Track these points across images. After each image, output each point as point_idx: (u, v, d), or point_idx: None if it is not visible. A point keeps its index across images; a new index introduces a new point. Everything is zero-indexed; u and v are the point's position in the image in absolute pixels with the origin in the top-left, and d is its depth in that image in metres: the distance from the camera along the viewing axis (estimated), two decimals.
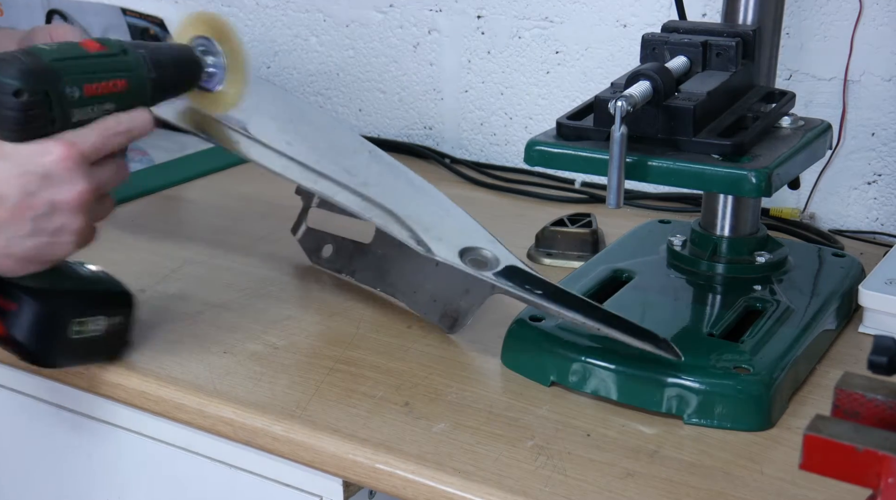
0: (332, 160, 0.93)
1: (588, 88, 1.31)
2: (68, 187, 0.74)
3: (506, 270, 0.85)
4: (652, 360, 0.80)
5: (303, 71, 1.55)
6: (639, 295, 0.91)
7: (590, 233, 1.09)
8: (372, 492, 0.82)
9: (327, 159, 0.92)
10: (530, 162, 0.84)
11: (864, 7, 1.12)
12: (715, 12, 1.19)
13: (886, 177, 1.16)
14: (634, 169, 0.79)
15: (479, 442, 0.76)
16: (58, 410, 0.93)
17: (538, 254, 1.09)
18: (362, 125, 1.52)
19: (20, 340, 0.78)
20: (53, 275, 0.79)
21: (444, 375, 0.85)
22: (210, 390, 0.82)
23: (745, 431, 0.77)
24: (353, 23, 1.48)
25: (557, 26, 1.32)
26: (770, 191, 0.78)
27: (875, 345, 0.52)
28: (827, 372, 0.85)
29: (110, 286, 0.85)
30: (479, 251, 0.87)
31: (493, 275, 0.85)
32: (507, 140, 1.40)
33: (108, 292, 0.85)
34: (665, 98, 0.79)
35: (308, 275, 1.05)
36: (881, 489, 0.50)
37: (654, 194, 1.26)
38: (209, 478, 0.86)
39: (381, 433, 0.77)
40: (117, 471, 0.92)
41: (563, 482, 0.71)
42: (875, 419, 0.54)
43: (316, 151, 0.93)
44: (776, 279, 0.93)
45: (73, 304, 0.81)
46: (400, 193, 0.94)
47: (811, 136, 0.87)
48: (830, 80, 1.16)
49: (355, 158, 0.97)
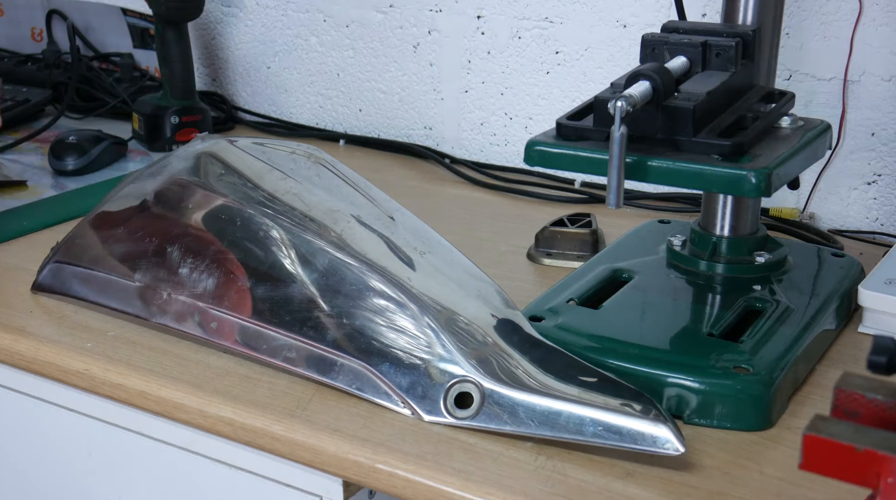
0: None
1: (588, 88, 1.31)
2: None
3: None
4: (652, 360, 0.80)
5: (303, 71, 1.55)
6: (638, 295, 0.91)
7: (590, 233, 1.09)
8: (372, 492, 0.82)
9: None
10: (530, 162, 0.84)
11: (864, 7, 1.12)
12: (715, 12, 1.19)
13: (886, 177, 1.16)
14: (634, 169, 0.79)
15: (478, 442, 0.76)
16: (58, 410, 0.93)
17: (538, 254, 1.09)
18: (362, 125, 1.52)
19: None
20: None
21: None
22: (210, 390, 0.82)
23: (745, 431, 0.77)
24: (353, 23, 1.48)
25: (557, 26, 1.32)
26: (770, 191, 0.78)
27: (874, 345, 0.52)
28: (827, 372, 0.85)
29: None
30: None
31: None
32: (507, 140, 1.40)
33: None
34: (665, 98, 0.79)
35: None
36: (881, 488, 0.50)
37: (653, 194, 1.26)
38: (209, 478, 0.86)
39: (381, 433, 0.77)
40: (117, 471, 0.92)
41: (563, 482, 0.71)
42: (875, 418, 0.54)
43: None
44: (776, 279, 0.93)
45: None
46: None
47: (811, 136, 0.87)
48: (830, 81, 1.16)
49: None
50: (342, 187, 0.94)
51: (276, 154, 0.97)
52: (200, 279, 0.88)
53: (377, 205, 0.93)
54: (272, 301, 0.84)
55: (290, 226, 0.86)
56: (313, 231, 0.86)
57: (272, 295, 0.85)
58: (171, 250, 0.90)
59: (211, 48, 1.64)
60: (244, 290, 0.85)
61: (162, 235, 0.91)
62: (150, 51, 1.62)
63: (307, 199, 0.90)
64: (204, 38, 1.63)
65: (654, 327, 0.87)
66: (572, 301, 0.89)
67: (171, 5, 1.41)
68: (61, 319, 0.94)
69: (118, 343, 0.90)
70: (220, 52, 1.63)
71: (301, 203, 0.89)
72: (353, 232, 0.87)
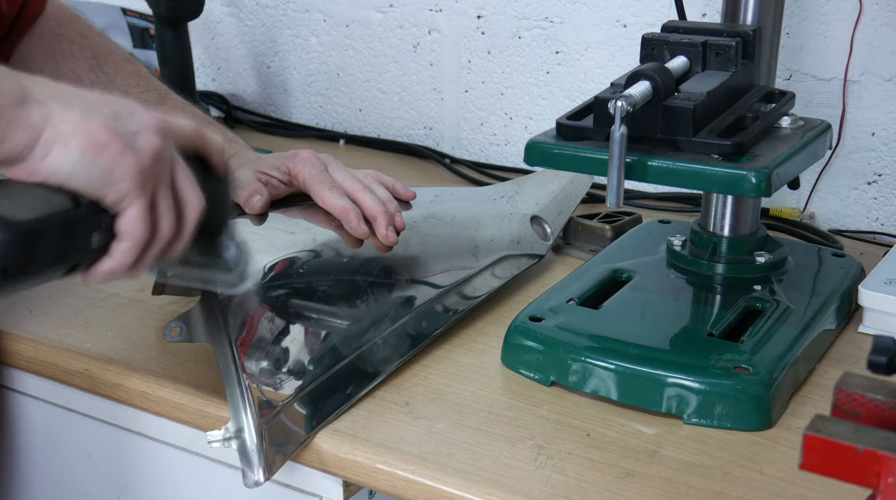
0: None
1: (588, 88, 1.31)
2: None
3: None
4: (652, 360, 0.80)
5: (303, 71, 1.55)
6: (639, 295, 0.91)
7: (610, 229, 1.09)
8: (372, 492, 0.82)
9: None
10: (530, 162, 0.84)
11: (864, 7, 1.12)
12: (715, 12, 1.19)
13: (886, 177, 1.16)
14: (634, 169, 0.79)
15: (478, 442, 0.76)
16: (58, 410, 0.93)
17: (561, 242, 1.10)
18: (362, 125, 1.52)
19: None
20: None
21: (444, 375, 0.85)
22: (210, 390, 0.82)
23: (745, 431, 0.77)
24: (353, 23, 1.48)
25: (557, 26, 1.32)
26: (770, 191, 0.78)
27: (875, 345, 0.52)
28: (827, 372, 0.85)
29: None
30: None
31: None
32: (507, 140, 1.40)
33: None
34: (665, 98, 0.79)
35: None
36: (881, 489, 0.50)
37: (654, 194, 1.26)
38: (209, 478, 0.86)
39: (381, 433, 0.77)
40: (117, 471, 0.92)
41: (563, 482, 0.71)
42: (875, 418, 0.54)
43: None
44: (776, 279, 0.93)
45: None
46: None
47: (811, 136, 0.87)
48: (830, 81, 1.16)
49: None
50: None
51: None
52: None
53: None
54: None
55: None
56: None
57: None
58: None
59: (211, 48, 1.63)
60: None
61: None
62: (150, 51, 1.62)
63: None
64: (204, 38, 1.63)
65: (654, 327, 0.87)
66: (572, 301, 0.89)
67: (170, 5, 1.41)
68: (61, 319, 0.94)
69: (118, 343, 0.90)
70: (220, 52, 1.63)
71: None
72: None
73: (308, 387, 0.78)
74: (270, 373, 0.78)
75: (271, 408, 0.75)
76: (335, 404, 0.79)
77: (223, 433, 0.74)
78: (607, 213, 1.12)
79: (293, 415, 0.76)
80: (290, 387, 0.78)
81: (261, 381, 0.76)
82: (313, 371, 0.79)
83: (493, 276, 0.97)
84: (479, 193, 1.11)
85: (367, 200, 0.92)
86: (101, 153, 0.61)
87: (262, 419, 0.74)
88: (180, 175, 0.67)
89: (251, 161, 0.96)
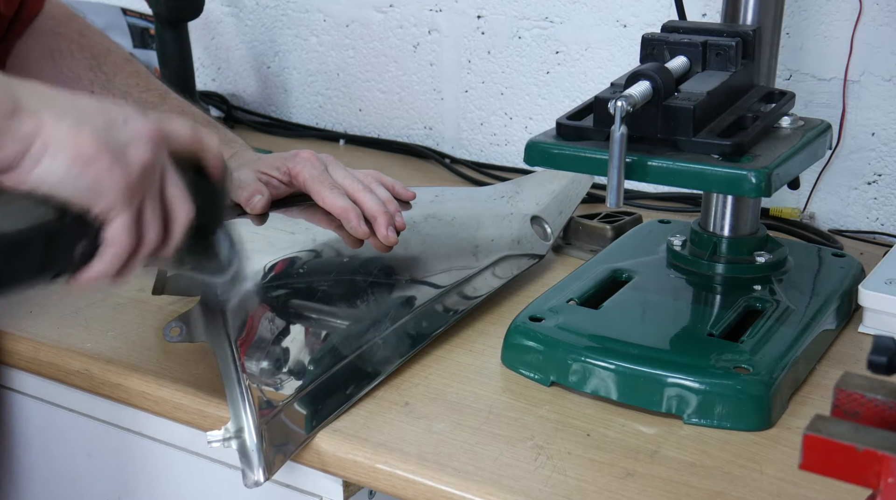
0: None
1: (588, 87, 1.31)
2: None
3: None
4: (652, 360, 0.80)
5: (303, 71, 1.55)
6: (639, 295, 0.91)
7: (610, 229, 1.09)
8: (372, 492, 0.82)
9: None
10: (530, 162, 0.84)
11: (864, 7, 1.12)
12: (715, 12, 1.19)
13: (886, 177, 1.16)
14: (634, 169, 0.79)
15: (478, 442, 0.76)
16: (57, 410, 0.93)
17: (561, 242, 1.10)
18: (362, 125, 1.52)
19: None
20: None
21: (444, 375, 0.85)
22: (210, 390, 0.82)
23: (745, 431, 0.77)
24: (353, 23, 1.48)
25: (557, 26, 1.32)
26: (770, 191, 0.78)
27: (875, 345, 0.52)
28: (827, 372, 0.85)
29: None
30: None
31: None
32: (507, 140, 1.40)
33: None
34: (665, 98, 0.79)
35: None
36: (881, 489, 0.50)
37: (654, 194, 1.26)
38: (209, 478, 0.86)
39: (381, 433, 0.77)
40: (117, 471, 0.92)
41: (563, 482, 0.71)
42: (875, 418, 0.54)
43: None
44: (776, 279, 0.93)
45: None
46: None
47: (811, 136, 0.87)
48: (830, 81, 1.16)
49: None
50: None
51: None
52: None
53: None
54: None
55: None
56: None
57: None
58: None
59: (211, 48, 1.63)
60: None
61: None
62: (150, 51, 1.62)
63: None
64: (204, 38, 1.63)
65: (654, 327, 0.87)
66: (572, 301, 0.89)
67: (170, 5, 1.41)
68: (61, 319, 0.94)
69: (118, 343, 0.90)
70: (219, 52, 1.63)
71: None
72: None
73: (308, 387, 0.78)
74: (270, 373, 0.78)
75: (271, 408, 0.75)
76: (335, 404, 0.79)
77: (223, 433, 0.74)
78: (607, 213, 1.12)
79: (293, 415, 0.76)
80: (290, 387, 0.78)
81: (261, 381, 0.76)
82: (313, 371, 0.79)
83: (494, 276, 0.97)
84: (480, 193, 1.11)
85: (368, 200, 0.92)
86: (88, 166, 0.62)
87: (262, 419, 0.74)
88: (170, 184, 0.67)
89: (251, 161, 0.96)
